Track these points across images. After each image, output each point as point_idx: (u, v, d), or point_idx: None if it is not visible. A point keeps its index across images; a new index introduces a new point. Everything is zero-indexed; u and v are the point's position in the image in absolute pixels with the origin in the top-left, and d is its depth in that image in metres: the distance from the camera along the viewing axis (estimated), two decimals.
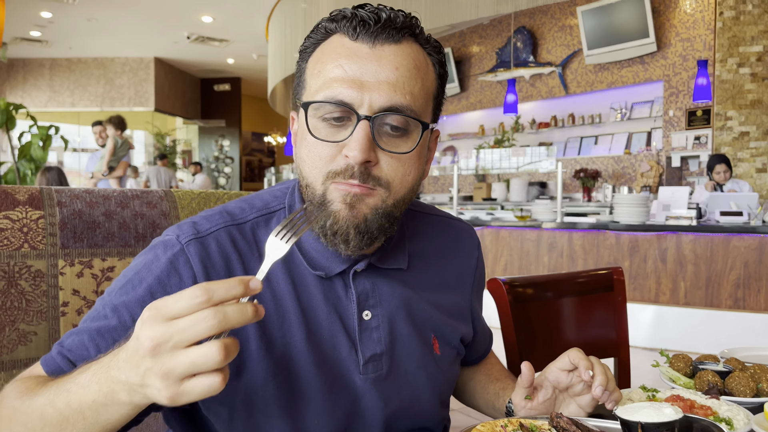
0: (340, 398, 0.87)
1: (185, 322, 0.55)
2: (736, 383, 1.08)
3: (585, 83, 8.53)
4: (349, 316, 0.89)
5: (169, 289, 0.81)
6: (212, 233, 0.86)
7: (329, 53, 0.83)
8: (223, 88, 15.27)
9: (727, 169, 5.76)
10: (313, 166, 0.83)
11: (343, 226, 0.82)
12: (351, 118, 0.80)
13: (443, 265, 1.02)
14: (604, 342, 1.65)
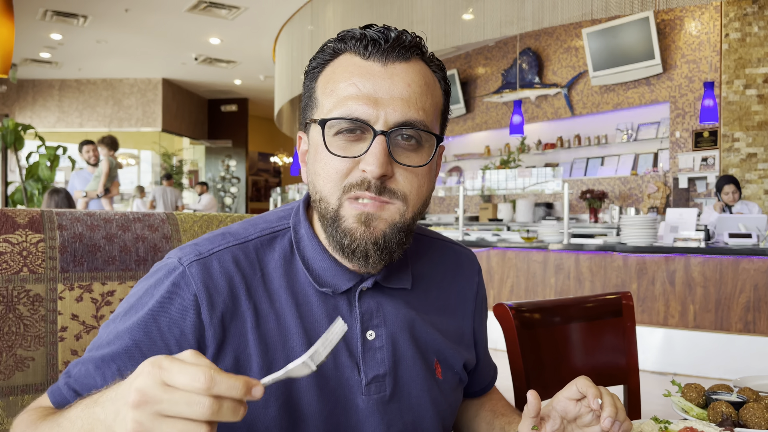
0: (342, 420, 0.86)
1: (179, 396, 0.53)
2: (751, 414, 1.05)
3: (591, 104, 8.54)
4: (353, 335, 0.88)
5: (172, 312, 0.81)
6: (215, 254, 0.85)
7: (341, 72, 0.84)
8: (230, 109, 15.38)
9: (735, 190, 5.72)
10: (328, 180, 0.83)
11: (361, 244, 0.82)
12: (367, 133, 0.82)
13: (444, 288, 1.01)
14: (613, 368, 1.61)
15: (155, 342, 0.80)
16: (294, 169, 12.81)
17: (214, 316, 0.82)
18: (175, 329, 0.81)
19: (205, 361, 0.56)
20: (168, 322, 0.81)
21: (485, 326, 1.12)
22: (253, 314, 0.84)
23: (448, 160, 10.76)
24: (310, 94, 0.89)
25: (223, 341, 0.82)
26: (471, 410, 1.13)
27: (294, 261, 0.89)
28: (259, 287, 0.86)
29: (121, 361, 0.80)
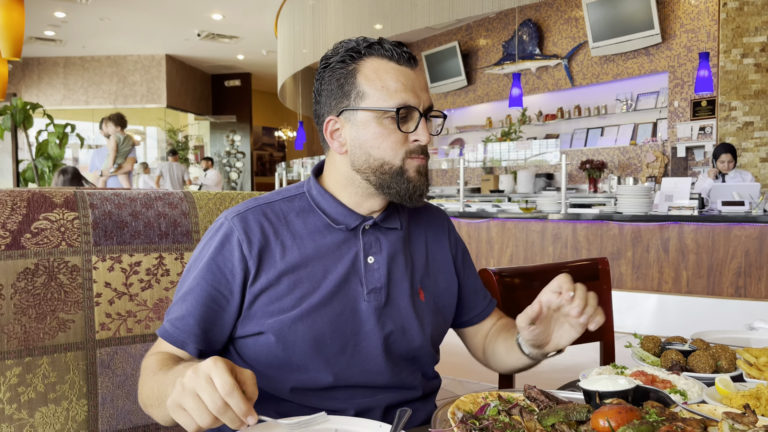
0: (349, 319, 1.18)
1: (210, 389, 0.83)
2: (697, 361, 1.21)
3: (591, 75, 8.58)
4: (358, 259, 1.20)
5: (225, 253, 1.14)
6: (249, 210, 1.19)
7: (384, 72, 1.16)
8: (234, 84, 15.43)
9: (731, 159, 5.82)
10: (388, 149, 1.16)
11: (419, 188, 1.19)
12: (413, 114, 1.16)
13: (422, 232, 1.33)
14: None
15: (215, 275, 1.14)
16: (298, 143, 12.91)
17: (253, 250, 1.14)
18: (228, 263, 1.14)
19: (234, 382, 0.84)
20: (223, 259, 1.14)
21: (468, 262, 1.40)
22: (281, 249, 1.17)
23: (449, 132, 10.84)
24: (350, 87, 1.17)
25: (259, 268, 1.15)
26: (480, 334, 1.39)
27: (312, 210, 1.22)
28: (284, 230, 1.19)
29: (196, 290, 1.14)
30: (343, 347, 1.18)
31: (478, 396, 1.02)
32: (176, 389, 0.87)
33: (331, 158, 1.24)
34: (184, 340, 1.13)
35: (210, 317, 1.14)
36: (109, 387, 1.30)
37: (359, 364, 1.19)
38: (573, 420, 0.88)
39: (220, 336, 1.17)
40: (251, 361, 1.20)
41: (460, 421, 0.91)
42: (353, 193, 1.22)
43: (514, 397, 1.02)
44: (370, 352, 1.20)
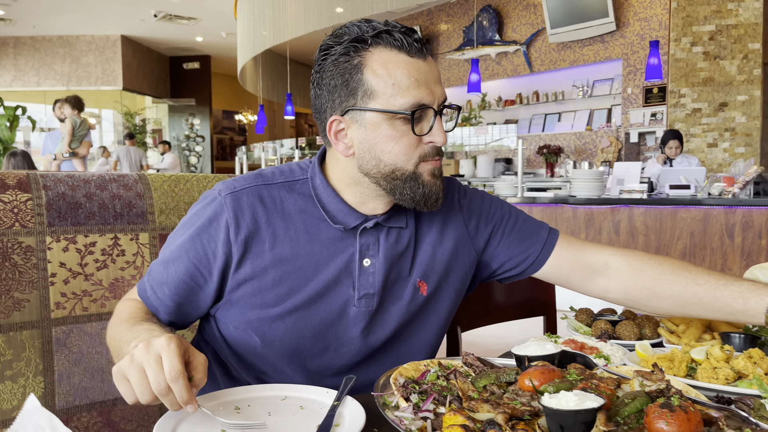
0: (334, 323, 1.14)
1: (156, 368, 0.84)
2: (623, 329, 1.31)
3: (549, 61, 8.75)
4: (353, 261, 1.13)
5: (211, 231, 1.10)
6: (245, 189, 1.12)
7: (395, 67, 1.04)
8: (193, 67, 15.16)
9: (678, 145, 6.05)
10: (400, 154, 1.07)
11: (435, 192, 1.10)
12: (427, 113, 1.06)
13: (433, 218, 1.22)
14: (534, 303, 1.87)
15: (198, 251, 1.10)
16: (259, 127, 12.80)
17: (239, 236, 1.09)
18: (212, 243, 1.10)
19: (181, 369, 0.84)
20: (207, 238, 1.10)
21: (494, 219, 1.26)
22: (271, 238, 1.11)
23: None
24: (356, 84, 1.05)
25: (244, 255, 1.10)
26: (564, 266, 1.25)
27: (311, 202, 1.14)
28: (278, 218, 1.12)
29: (178, 262, 1.11)
30: (322, 351, 1.15)
31: (420, 364, 1.09)
32: (125, 359, 0.85)
33: (335, 156, 1.14)
34: (157, 307, 1.14)
35: (186, 293, 1.13)
36: (65, 364, 1.32)
37: (336, 367, 1.16)
38: (503, 381, 0.96)
39: (194, 312, 1.16)
40: (230, 342, 1.19)
41: (401, 386, 0.98)
42: (358, 193, 1.13)
43: (454, 363, 1.10)
44: (351, 358, 1.17)
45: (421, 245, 1.19)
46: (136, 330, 0.98)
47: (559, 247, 1.25)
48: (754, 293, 1.05)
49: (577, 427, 0.76)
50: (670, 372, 1.06)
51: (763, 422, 0.87)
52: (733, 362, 1.04)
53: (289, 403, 0.99)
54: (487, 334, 1.34)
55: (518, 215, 1.29)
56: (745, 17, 6.78)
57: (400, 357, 1.21)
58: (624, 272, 1.19)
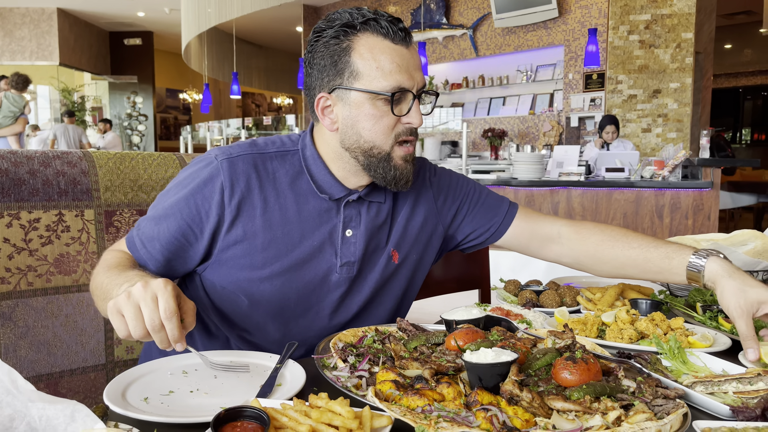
0: (317, 288, 1.25)
1: (152, 305, 0.91)
2: (546, 298, 1.43)
3: (494, 46, 8.91)
4: (336, 231, 1.24)
5: (206, 193, 1.17)
6: (240, 156, 1.21)
7: (379, 52, 1.14)
8: (134, 43, 14.68)
9: (615, 130, 6.31)
10: (379, 133, 1.17)
11: (405, 175, 1.21)
12: (407, 96, 1.17)
13: (408, 195, 1.35)
14: (471, 276, 1.98)
15: (191, 210, 1.18)
16: (204, 106, 12.55)
17: (233, 199, 1.18)
18: (206, 204, 1.18)
19: (176, 309, 0.92)
20: (202, 198, 1.18)
21: (460, 194, 1.39)
22: (262, 204, 1.20)
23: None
24: (343, 65, 1.15)
25: (236, 218, 1.19)
26: (522, 235, 1.39)
27: (301, 173, 1.24)
28: (270, 186, 1.21)
29: (171, 219, 1.18)
30: (305, 312, 1.25)
31: (358, 330, 1.17)
32: (121, 295, 0.93)
33: (321, 130, 1.24)
34: (146, 261, 1.20)
35: (176, 249, 1.20)
36: (11, 338, 1.35)
37: (316, 328, 1.27)
38: (432, 343, 1.05)
39: (182, 267, 1.25)
40: (215, 301, 1.27)
41: (340, 350, 1.06)
42: (341, 168, 1.23)
43: (389, 329, 1.18)
44: (330, 320, 1.28)
45: (396, 218, 1.32)
46: (127, 275, 1.04)
47: (518, 219, 1.40)
48: (678, 254, 1.19)
49: (493, 378, 0.86)
50: (583, 333, 1.18)
51: (657, 374, 0.99)
52: (637, 324, 1.17)
53: (235, 367, 1.06)
54: (428, 306, 1.44)
55: (482, 191, 1.44)
56: (679, 7, 7.09)
57: (374, 321, 1.34)
58: (572, 240, 1.34)
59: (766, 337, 1.10)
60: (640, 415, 0.79)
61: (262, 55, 15.23)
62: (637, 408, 0.81)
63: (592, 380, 0.86)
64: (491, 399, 0.83)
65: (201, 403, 0.90)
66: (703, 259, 1.15)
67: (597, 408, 0.81)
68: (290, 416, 0.76)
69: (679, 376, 0.99)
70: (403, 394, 0.86)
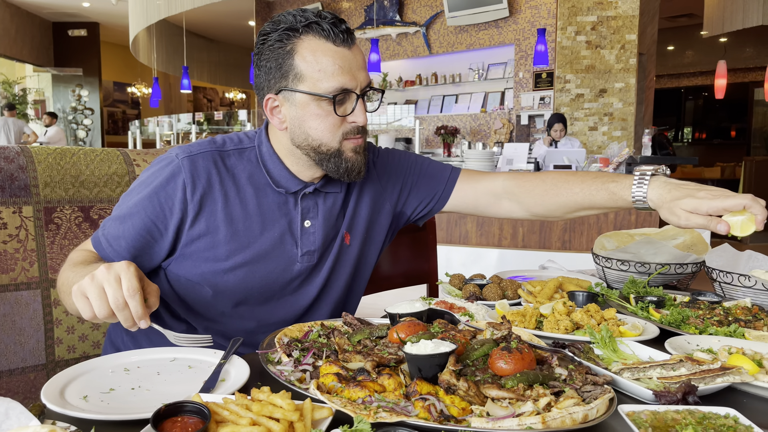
0: (280, 278, 1.30)
1: (115, 286, 0.96)
2: (489, 292, 1.47)
3: (447, 44, 9.01)
4: (295, 223, 1.29)
5: (169, 190, 1.21)
6: (201, 154, 1.25)
7: (321, 55, 1.17)
8: (79, 34, 14.19)
9: (563, 128, 6.47)
10: (326, 131, 1.21)
11: (356, 166, 1.25)
12: (350, 96, 1.20)
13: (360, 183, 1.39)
14: (419, 271, 2.02)
15: (155, 208, 1.21)
16: (153, 101, 12.26)
17: (195, 195, 1.22)
18: (169, 201, 1.21)
19: (139, 288, 0.96)
20: (165, 196, 1.21)
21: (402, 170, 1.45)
22: (223, 199, 1.24)
23: None
24: (287, 67, 1.19)
25: (198, 213, 1.23)
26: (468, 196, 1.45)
27: (258, 168, 1.28)
28: (229, 182, 1.25)
29: (135, 217, 1.22)
30: (267, 300, 1.32)
31: (304, 325, 1.19)
32: (85, 278, 0.97)
33: (273, 128, 1.29)
34: (112, 259, 1.21)
35: (142, 246, 1.23)
36: None
37: (279, 315, 1.33)
38: (375, 336, 1.08)
39: (148, 263, 1.27)
40: (180, 294, 1.30)
41: (285, 344, 1.07)
42: (295, 162, 1.28)
43: (335, 324, 1.20)
44: (293, 306, 1.34)
45: (348, 203, 1.37)
46: (92, 267, 1.06)
47: (460, 182, 1.45)
48: (616, 185, 1.24)
49: (432, 369, 0.89)
50: (522, 325, 1.22)
51: (590, 362, 1.04)
52: (573, 315, 1.22)
53: (178, 364, 1.06)
54: (381, 302, 1.47)
55: (423, 162, 1.49)
56: (623, 9, 7.31)
57: (330, 304, 1.39)
58: (519, 194, 1.39)
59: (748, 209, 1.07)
60: (569, 400, 0.83)
61: (214, 49, 14.96)
62: (567, 394, 0.85)
63: (526, 369, 0.90)
64: (430, 389, 0.86)
65: (142, 400, 0.90)
66: (644, 186, 1.18)
67: (529, 395, 0.84)
68: (231, 410, 0.77)
69: (610, 364, 1.04)
70: (345, 386, 0.88)
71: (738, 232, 1.05)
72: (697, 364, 0.96)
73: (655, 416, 0.82)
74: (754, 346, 1.09)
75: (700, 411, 0.83)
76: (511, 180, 1.41)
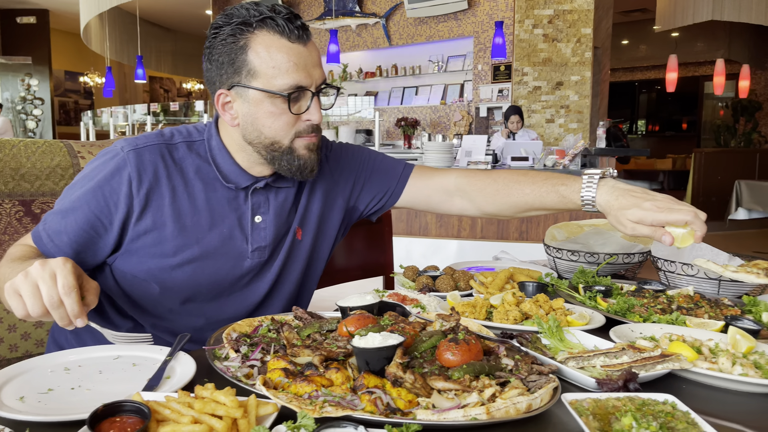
0: (230, 274, 1.27)
1: (50, 283, 0.92)
2: (441, 283, 1.48)
3: (407, 36, 9.01)
4: (246, 218, 1.27)
5: (113, 184, 1.17)
6: (147, 147, 1.21)
7: (276, 51, 1.14)
8: (28, 21, 13.66)
9: (519, 120, 6.56)
10: (279, 130, 1.19)
11: (309, 164, 1.23)
12: (305, 94, 1.18)
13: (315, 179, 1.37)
14: (374, 264, 2.02)
15: (99, 202, 1.17)
16: (107, 91, 11.93)
17: (141, 190, 1.18)
18: (114, 195, 1.18)
19: (75, 285, 0.93)
20: (109, 190, 1.17)
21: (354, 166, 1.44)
22: (170, 193, 1.21)
23: None
24: (240, 63, 1.15)
25: (145, 208, 1.19)
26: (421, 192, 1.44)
27: (206, 163, 1.25)
28: (177, 175, 1.22)
29: (78, 212, 1.17)
30: (217, 297, 1.29)
31: (254, 320, 1.17)
32: (19, 276, 0.93)
33: (224, 123, 1.25)
34: (53, 255, 1.16)
35: (85, 241, 1.19)
36: None
37: (229, 312, 1.31)
38: (325, 330, 1.07)
39: (92, 259, 1.23)
40: (126, 290, 1.27)
41: (233, 340, 1.06)
42: (246, 158, 1.25)
43: (286, 318, 1.19)
44: (243, 302, 1.32)
45: (300, 198, 1.35)
46: (30, 263, 1.02)
47: (413, 178, 1.45)
48: (566, 188, 1.25)
49: (380, 362, 0.89)
50: (473, 316, 1.23)
51: (537, 351, 1.05)
52: (522, 306, 1.24)
53: (121, 362, 1.03)
54: (339, 294, 1.46)
55: (376, 157, 1.48)
56: (579, 3, 7.43)
57: (281, 300, 1.37)
58: (471, 192, 1.39)
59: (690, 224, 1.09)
60: (514, 390, 0.84)
61: (171, 38, 14.62)
62: (512, 384, 0.86)
63: (473, 360, 0.90)
64: (377, 382, 0.86)
65: (81, 400, 0.87)
66: (592, 190, 1.19)
67: (475, 386, 0.85)
68: (173, 408, 0.76)
69: (557, 353, 1.05)
70: (292, 381, 0.87)
71: (678, 244, 1.09)
72: (638, 351, 0.98)
73: (596, 404, 0.83)
74: (695, 333, 1.13)
75: (639, 398, 0.85)
76: (463, 177, 1.41)
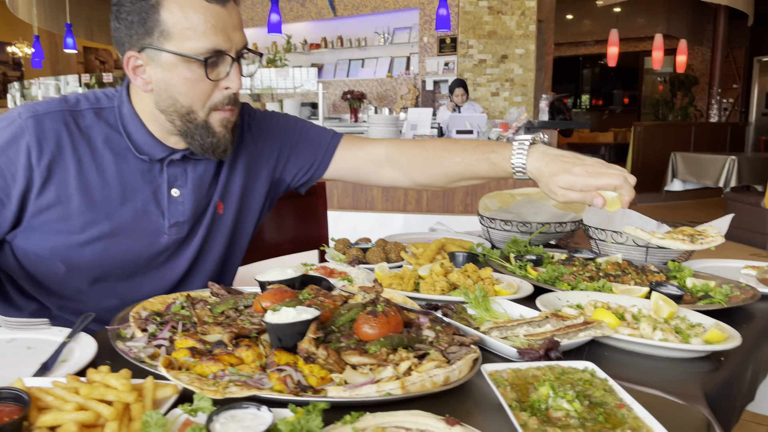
0: (145, 252, 1.19)
1: None
2: (372, 255, 1.43)
3: (351, 6, 8.84)
4: (162, 192, 1.18)
5: (10, 154, 1.07)
6: (48, 113, 1.10)
7: (192, 11, 1.04)
8: None
9: (464, 93, 6.55)
10: (195, 98, 1.09)
11: (223, 143, 1.14)
12: (224, 59, 1.08)
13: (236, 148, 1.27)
14: (308, 237, 1.96)
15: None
16: (36, 62, 11.30)
17: (42, 160, 1.08)
18: (11, 166, 1.07)
19: None
20: (6, 161, 1.07)
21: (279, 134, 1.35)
22: (76, 164, 1.10)
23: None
24: (152, 23, 1.04)
25: (47, 180, 1.09)
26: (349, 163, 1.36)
27: (117, 132, 1.15)
28: (84, 145, 1.12)
29: None
30: (131, 275, 1.20)
31: (168, 297, 1.10)
32: None
33: (136, 88, 1.14)
34: None
35: None
36: None
37: (145, 292, 1.19)
38: (241, 306, 1.01)
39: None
40: (29, 270, 1.17)
41: (143, 319, 0.99)
42: (159, 128, 1.15)
43: (203, 295, 1.12)
44: (161, 281, 1.23)
45: (221, 170, 1.26)
46: None
47: (341, 148, 1.37)
48: (496, 155, 1.20)
49: (293, 338, 0.84)
50: (400, 287, 1.20)
51: (462, 322, 1.03)
52: (450, 276, 1.21)
53: (15, 345, 0.95)
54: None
55: (303, 126, 1.39)
56: None
57: (203, 277, 1.30)
58: (401, 162, 1.33)
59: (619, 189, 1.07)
60: (431, 363, 0.80)
61: (105, 7, 13.92)
62: (431, 356, 0.83)
63: (392, 333, 0.87)
64: (289, 359, 0.81)
65: None
66: (523, 156, 1.14)
67: (392, 360, 0.81)
68: (56, 395, 0.69)
69: (482, 323, 1.03)
70: (198, 361, 0.81)
71: (607, 208, 1.05)
72: (561, 320, 0.96)
73: (516, 374, 0.81)
74: (620, 300, 1.12)
75: (560, 366, 0.84)
76: (393, 147, 1.35)
